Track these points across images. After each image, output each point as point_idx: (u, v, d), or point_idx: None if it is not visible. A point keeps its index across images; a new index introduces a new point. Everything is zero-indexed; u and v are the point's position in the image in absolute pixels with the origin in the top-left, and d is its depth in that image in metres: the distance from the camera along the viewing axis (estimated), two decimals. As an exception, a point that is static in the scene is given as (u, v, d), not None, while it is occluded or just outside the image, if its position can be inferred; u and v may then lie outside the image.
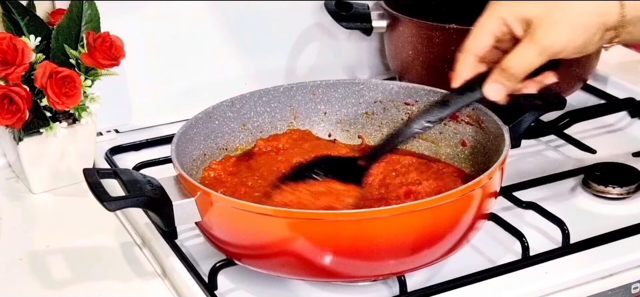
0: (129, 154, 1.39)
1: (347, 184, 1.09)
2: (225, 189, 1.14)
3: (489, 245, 1.14)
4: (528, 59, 1.04)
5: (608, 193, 1.23)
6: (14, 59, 1.23)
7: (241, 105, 1.24)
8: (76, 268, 1.15)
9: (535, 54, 1.04)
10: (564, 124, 1.40)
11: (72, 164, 1.31)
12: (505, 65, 1.05)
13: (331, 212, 1.03)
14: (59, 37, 1.30)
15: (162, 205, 1.06)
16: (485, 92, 1.07)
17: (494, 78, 1.06)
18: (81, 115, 1.29)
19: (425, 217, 1.01)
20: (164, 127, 1.45)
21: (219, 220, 1.04)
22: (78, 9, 1.31)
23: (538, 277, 1.08)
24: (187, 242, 1.17)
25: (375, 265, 1.02)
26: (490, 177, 1.05)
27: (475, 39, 1.08)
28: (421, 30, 1.44)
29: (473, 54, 1.09)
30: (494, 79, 1.06)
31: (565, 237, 1.12)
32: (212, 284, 1.07)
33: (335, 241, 1.00)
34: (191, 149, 1.17)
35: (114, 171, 1.12)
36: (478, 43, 1.08)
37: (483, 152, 1.17)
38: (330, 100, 1.28)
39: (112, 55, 1.28)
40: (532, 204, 1.19)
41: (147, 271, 1.14)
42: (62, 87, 1.24)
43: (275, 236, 1.01)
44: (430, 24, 1.43)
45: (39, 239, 1.21)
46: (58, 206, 1.30)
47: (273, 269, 1.05)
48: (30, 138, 1.29)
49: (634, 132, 1.43)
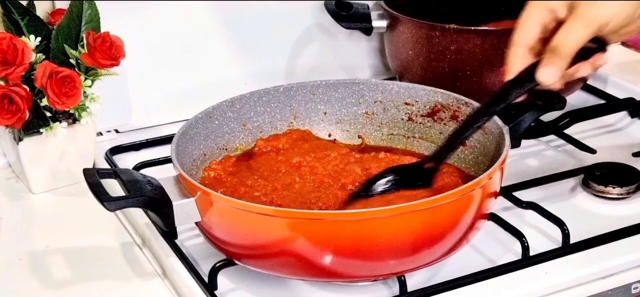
0: (129, 154, 1.39)
1: (417, 189, 1.09)
2: (225, 189, 1.14)
3: (489, 245, 1.14)
4: (575, 34, 1.04)
5: (608, 193, 1.23)
6: (14, 59, 1.23)
7: (241, 106, 1.24)
8: (76, 268, 1.15)
9: (582, 27, 1.03)
10: (564, 124, 1.40)
11: (72, 164, 1.31)
12: (554, 44, 1.05)
13: (331, 212, 1.03)
14: (59, 37, 1.30)
15: (162, 205, 1.06)
16: (540, 77, 1.06)
17: (546, 61, 1.05)
18: (81, 115, 1.29)
19: (425, 217, 1.01)
20: (164, 127, 1.45)
21: (219, 220, 1.04)
22: (78, 9, 1.31)
23: (538, 277, 1.08)
24: (187, 242, 1.17)
25: (375, 265, 1.02)
26: (490, 177, 1.05)
27: (523, 30, 1.08)
28: (421, 30, 1.44)
29: (523, 46, 1.09)
30: (545, 63, 1.05)
31: (565, 237, 1.12)
32: (212, 284, 1.07)
33: (336, 241, 1.00)
34: (191, 149, 1.17)
35: (114, 171, 1.12)
36: (527, 33, 1.08)
37: (483, 152, 1.17)
38: (330, 100, 1.28)
39: (112, 55, 1.28)
40: (532, 204, 1.19)
41: (147, 271, 1.14)
42: (62, 87, 1.24)
43: (276, 236, 1.01)
44: (430, 24, 1.43)
45: (39, 239, 1.21)
46: (58, 206, 1.30)
47: (273, 269, 1.05)
48: (30, 138, 1.29)
49: (634, 132, 1.43)
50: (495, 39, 1.39)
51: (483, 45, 1.39)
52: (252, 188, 1.14)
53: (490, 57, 1.39)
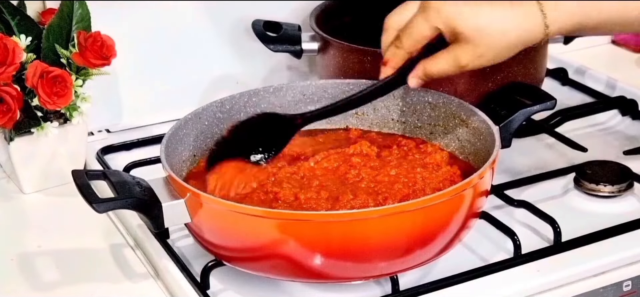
0: (120, 153, 1.38)
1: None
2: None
3: (481, 243, 1.14)
4: (446, 71, 1.14)
5: (599, 191, 1.23)
6: (5, 59, 1.23)
7: (231, 106, 1.24)
8: (68, 269, 1.14)
9: (454, 68, 1.13)
10: (555, 123, 1.41)
11: (64, 164, 1.31)
12: (428, 69, 1.15)
13: (322, 213, 1.03)
14: (50, 37, 1.30)
15: (152, 206, 1.05)
16: (410, 83, 1.17)
17: (417, 74, 1.16)
18: (72, 115, 1.29)
19: (417, 217, 1.01)
20: (155, 126, 1.45)
21: (208, 221, 1.04)
22: (69, 8, 1.31)
23: (530, 275, 1.09)
24: (179, 242, 1.16)
25: (367, 266, 1.02)
26: (482, 177, 1.05)
27: (410, 39, 1.15)
28: (352, 55, 1.35)
29: (406, 51, 1.16)
30: (416, 75, 1.16)
31: (557, 235, 1.13)
32: (204, 284, 1.07)
33: (326, 243, 1.00)
34: (181, 150, 1.17)
35: (103, 173, 1.11)
36: (412, 44, 1.15)
37: (474, 151, 1.17)
38: (321, 100, 1.27)
39: (103, 54, 1.27)
40: (523, 202, 1.19)
41: (140, 272, 1.14)
42: (53, 86, 1.24)
43: (266, 238, 1.01)
44: (362, 48, 1.33)
45: (31, 240, 1.21)
46: (49, 206, 1.29)
47: (263, 271, 1.05)
48: (21, 138, 1.28)
49: (625, 130, 1.43)
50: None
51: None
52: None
53: (426, 82, 1.27)
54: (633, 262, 1.12)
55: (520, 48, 1.13)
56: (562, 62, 1.61)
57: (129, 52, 1.40)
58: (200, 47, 1.50)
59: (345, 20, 1.50)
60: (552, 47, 1.46)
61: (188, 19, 1.48)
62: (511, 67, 1.31)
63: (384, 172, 1.13)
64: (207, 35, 1.51)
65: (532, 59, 1.35)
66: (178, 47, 1.49)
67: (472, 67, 1.13)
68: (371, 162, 1.16)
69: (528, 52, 1.31)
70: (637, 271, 1.12)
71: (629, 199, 1.23)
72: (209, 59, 1.51)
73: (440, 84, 1.25)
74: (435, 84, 1.20)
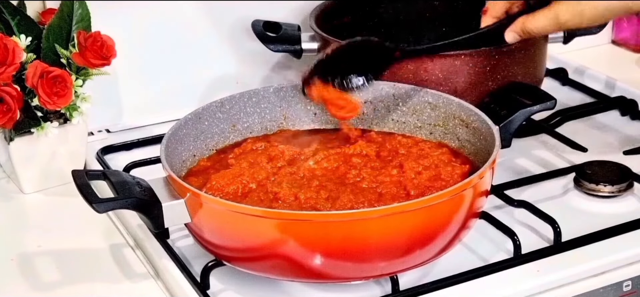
0: (120, 153, 1.38)
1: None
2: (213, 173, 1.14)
3: (481, 243, 1.14)
4: (545, 27, 1.16)
5: (599, 191, 1.23)
6: (5, 59, 1.23)
7: (231, 106, 1.24)
8: (68, 269, 1.14)
9: (553, 25, 1.15)
10: (555, 123, 1.41)
11: (63, 164, 1.31)
12: (527, 25, 1.17)
13: (321, 213, 1.03)
14: (50, 37, 1.30)
15: (152, 206, 1.05)
16: (506, 38, 1.20)
17: (514, 28, 1.19)
18: (72, 115, 1.29)
19: (417, 217, 1.01)
20: (155, 126, 1.45)
21: (208, 221, 1.04)
22: (69, 8, 1.31)
23: (530, 275, 1.09)
24: (179, 242, 1.16)
25: (367, 266, 1.02)
26: (481, 177, 1.05)
27: None
28: None
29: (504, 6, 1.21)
30: (513, 29, 1.19)
31: (557, 235, 1.13)
32: (204, 284, 1.07)
33: (326, 243, 1.00)
34: (181, 150, 1.17)
35: (103, 173, 1.11)
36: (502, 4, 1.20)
37: (474, 152, 1.17)
38: (321, 100, 1.27)
39: (103, 54, 1.27)
40: (523, 202, 1.19)
41: (140, 272, 1.14)
42: (53, 86, 1.24)
43: (265, 238, 1.01)
44: None
45: (31, 240, 1.21)
46: (49, 206, 1.29)
47: (263, 271, 1.05)
48: (21, 138, 1.28)
49: (625, 130, 1.43)
50: (430, 63, 1.29)
51: (417, 71, 1.29)
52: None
53: (425, 82, 1.29)
54: (633, 262, 1.12)
55: (621, 14, 1.13)
56: (562, 62, 1.61)
57: (129, 52, 1.40)
58: (200, 47, 1.50)
59: (345, 20, 1.50)
60: (552, 47, 1.46)
61: (188, 19, 1.48)
62: (511, 67, 1.31)
63: (383, 172, 1.13)
64: (207, 35, 1.51)
65: (532, 59, 1.35)
66: (178, 47, 1.49)
67: (572, 25, 1.13)
68: (371, 162, 1.16)
69: (528, 52, 1.32)
70: (637, 271, 1.12)
71: (629, 199, 1.23)
72: (209, 59, 1.51)
73: (440, 83, 1.25)
74: (435, 84, 1.20)
